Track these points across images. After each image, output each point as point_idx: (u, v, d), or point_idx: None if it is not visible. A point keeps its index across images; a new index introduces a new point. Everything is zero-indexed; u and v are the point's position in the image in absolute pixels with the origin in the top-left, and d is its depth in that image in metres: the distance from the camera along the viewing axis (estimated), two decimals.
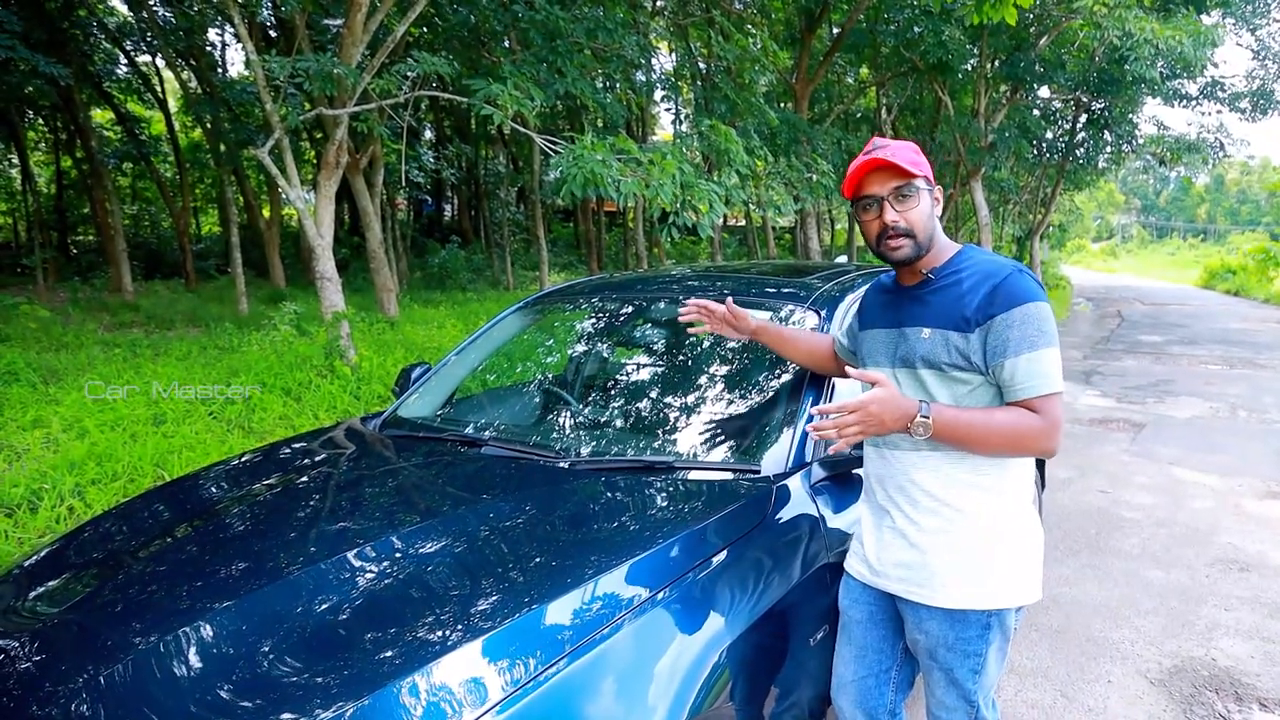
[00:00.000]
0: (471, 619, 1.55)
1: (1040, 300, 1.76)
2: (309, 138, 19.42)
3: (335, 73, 6.98)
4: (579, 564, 1.75)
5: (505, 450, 2.43)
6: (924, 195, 1.84)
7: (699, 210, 6.98)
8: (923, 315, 1.87)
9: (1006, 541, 1.85)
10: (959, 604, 1.84)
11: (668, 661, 1.58)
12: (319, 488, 2.34)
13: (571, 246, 27.95)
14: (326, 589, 1.68)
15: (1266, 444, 7.13)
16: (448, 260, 18.88)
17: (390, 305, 11.17)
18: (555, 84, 8.81)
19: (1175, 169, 21.26)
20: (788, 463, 2.21)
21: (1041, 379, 1.73)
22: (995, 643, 1.90)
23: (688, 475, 2.23)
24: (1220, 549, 4.77)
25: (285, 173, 7.36)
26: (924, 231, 1.84)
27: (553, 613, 1.57)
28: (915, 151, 1.85)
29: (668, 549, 1.80)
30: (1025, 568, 1.88)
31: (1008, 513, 1.86)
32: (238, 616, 1.61)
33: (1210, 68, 15.66)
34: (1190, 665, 3.54)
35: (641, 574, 1.72)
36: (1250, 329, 15.99)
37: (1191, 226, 63.60)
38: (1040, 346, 1.73)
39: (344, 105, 7.54)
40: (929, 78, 16.06)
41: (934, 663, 1.95)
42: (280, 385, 6.71)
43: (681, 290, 3.13)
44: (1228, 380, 10.02)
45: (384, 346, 8.49)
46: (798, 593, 1.94)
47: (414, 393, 3.04)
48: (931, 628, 1.90)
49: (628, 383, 2.99)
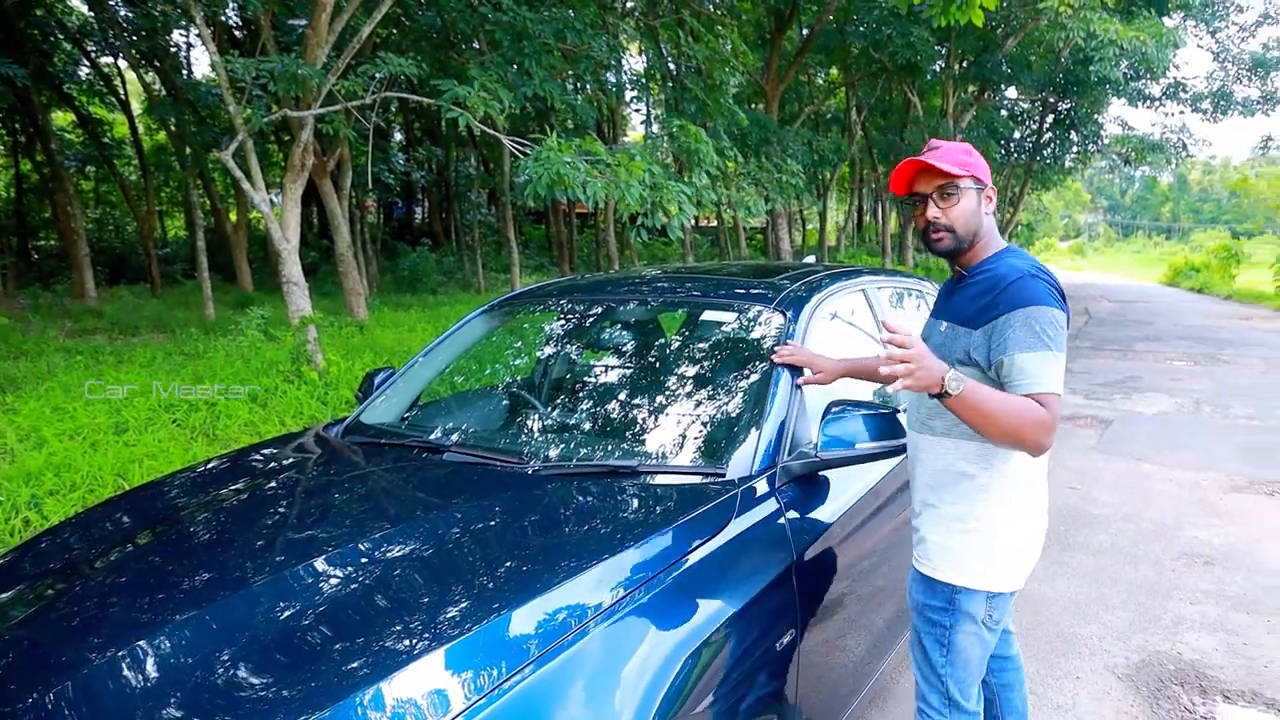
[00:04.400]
0: (437, 627, 1.53)
1: (1047, 305, 1.85)
2: (276, 140, 19.19)
3: (300, 74, 6.89)
4: (544, 570, 1.72)
5: (468, 456, 2.39)
6: (968, 195, 1.98)
7: (668, 212, 6.96)
8: (949, 310, 2.07)
9: (982, 531, 2.01)
10: (929, 571, 2.09)
11: (634, 667, 1.56)
12: (281, 496, 2.30)
13: (543, 248, 27.87)
14: (289, 598, 1.66)
15: (1230, 439, 7.22)
16: (418, 263, 18.72)
17: (359, 309, 11.06)
18: (524, 85, 8.75)
19: (1140, 168, 21.58)
20: (753, 466, 2.19)
21: (1036, 378, 1.82)
22: (963, 625, 2.05)
23: (653, 479, 2.20)
24: (1186, 543, 4.82)
25: (249, 175, 7.25)
26: (965, 228, 1.99)
27: (519, 619, 1.55)
28: (966, 153, 2.01)
29: (633, 554, 1.77)
30: (997, 558, 2.01)
31: (989, 506, 2.01)
32: (198, 627, 1.58)
33: (1172, 69, 15.89)
34: (1156, 659, 3.56)
35: (607, 579, 1.69)
36: (1213, 325, 16.24)
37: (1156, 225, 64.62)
38: (1039, 349, 1.82)
39: (309, 107, 7.44)
40: (898, 78, 16.18)
41: (914, 626, 2.19)
42: (246, 391, 6.61)
43: (651, 292, 3.10)
44: (1192, 376, 10.16)
45: (352, 351, 8.39)
46: (764, 596, 1.91)
47: (377, 398, 2.99)
48: (913, 589, 2.18)
49: (595, 386, 2.96)
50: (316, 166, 10.08)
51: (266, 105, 8.38)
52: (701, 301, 2.98)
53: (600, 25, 10.33)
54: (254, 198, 7.18)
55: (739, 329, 2.78)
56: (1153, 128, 19.17)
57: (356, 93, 7.26)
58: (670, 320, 3.24)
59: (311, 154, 7.84)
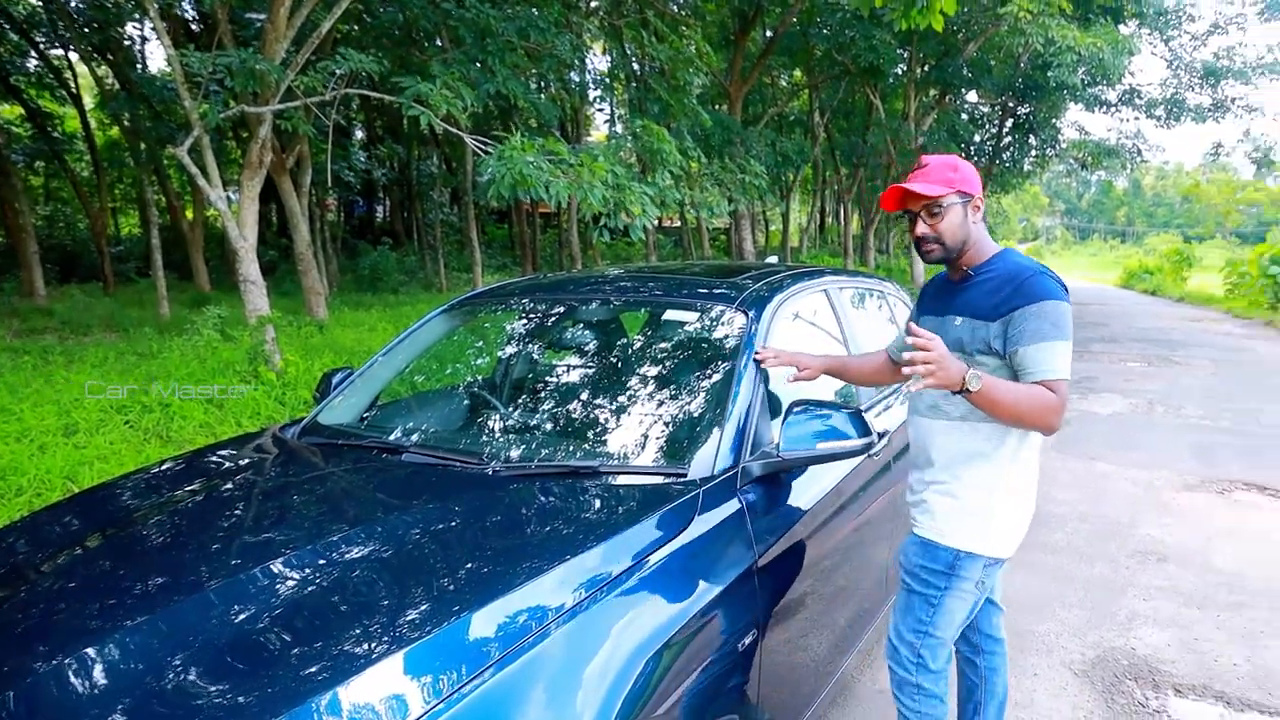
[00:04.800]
0: (396, 630, 1.50)
1: (1057, 299, 2.04)
2: (234, 136, 18.87)
3: (258, 69, 6.76)
4: (505, 571, 1.70)
5: (428, 457, 2.35)
6: (954, 210, 2.16)
7: (630, 212, 6.94)
8: (959, 305, 2.22)
9: (989, 503, 2.20)
10: (931, 535, 2.26)
11: (596, 668, 1.54)
12: (236, 497, 2.25)
13: (506, 248, 27.71)
14: (244, 602, 1.62)
15: (1182, 438, 7.37)
16: (379, 262, 18.50)
17: (319, 308, 10.91)
18: (487, 83, 8.69)
19: (1096, 173, 21.97)
20: (715, 466, 2.18)
21: (1051, 365, 2.00)
22: (955, 588, 2.23)
23: (615, 480, 2.18)
24: (1140, 541, 4.90)
25: (206, 172, 7.11)
26: (953, 240, 2.17)
27: (479, 621, 1.53)
28: (953, 168, 2.18)
29: (594, 555, 1.76)
30: (998, 525, 2.21)
31: (998, 481, 2.19)
32: (150, 633, 1.54)
33: (1128, 76, 16.21)
34: (1111, 655, 3.62)
35: (568, 580, 1.67)
36: (1166, 327, 16.59)
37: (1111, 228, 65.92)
38: (1053, 339, 2.01)
39: (268, 103, 7.32)
40: (861, 81, 16.31)
41: (903, 585, 2.36)
42: (202, 392, 6.48)
43: (613, 291, 3.08)
44: (1146, 377, 10.36)
45: (311, 351, 8.27)
46: (725, 597, 1.90)
47: (335, 398, 2.94)
48: (910, 552, 2.34)
49: (556, 386, 2.93)
50: (275, 164, 9.92)
51: (224, 101, 8.23)
52: (664, 301, 2.97)
53: (564, 24, 10.29)
54: (211, 195, 7.04)
55: (701, 329, 2.78)
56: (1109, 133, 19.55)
57: (316, 89, 7.16)
58: (632, 320, 3.23)
59: (270, 151, 7.72)
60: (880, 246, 26.63)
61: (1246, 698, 3.31)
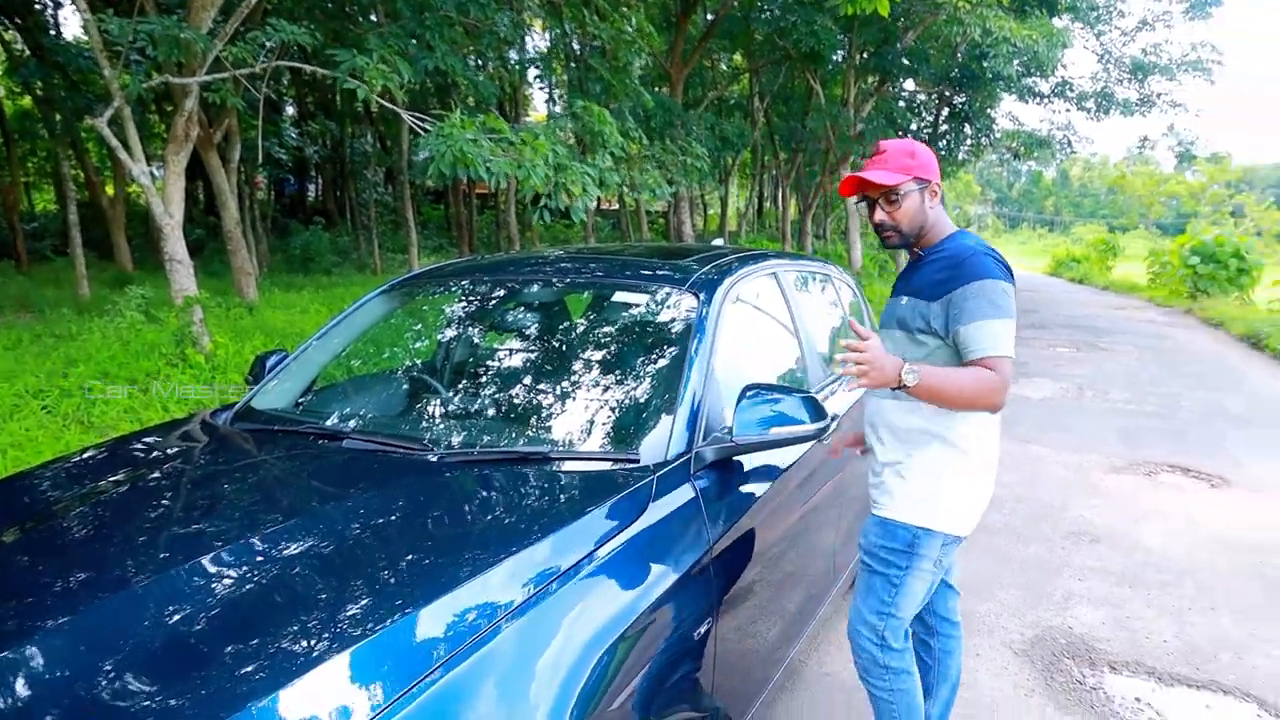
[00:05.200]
0: (338, 629, 1.42)
1: (995, 278, 2.07)
2: (156, 109, 18.13)
3: (183, 38, 6.46)
4: (452, 565, 1.63)
5: (369, 443, 2.25)
6: (911, 196, 2.19)
7: (571, 193, 6.83)
8: (908, 286, 2.28)
9: (944, 479, 2.22)
10: (890, 514, 2.28)
11: (548, 665, 1.48)
12: (165, 488, 2.12)
13: (442, 229, 27.22)
14: (176, 601, 1.51)
15: (1110, 422, 7.58)
16: (311, 242, 17.98)
17: (249, 289, 10.56)
18: (424, 59, 8.46)
19: (1027, 163, 22.48)
20: (668, 451, 2.13)
21: (990, 343, 2.03)
22: (915, 567, 2.25)
23: (564, 466, 2.12)
24: (1072, 522, 5.02)
25: (128, 146, 6.79)
26: (910, 225, 2.22)
27: (426, 619, 1.45)
28: (909, 155, 2.20)
29: (545, 546, 1.69)
30: (953, 503, 2.23)
31: (952, 458, 2.22)
32: (74, 635, 1.43)
33: (1060, 68, 16.57)
34: (1049, 635, 3.69)
35: (519, 574, 1.60)
36: (1092, 314, 17.08)
37: (1041, 218, 67.74)
38: (991, 316, 2.03)
39: (194, 74, 7.01)
40: (801, 67, 16.36)
41: (864, 567, 2.37)
42: (125, 375, 6.21)
43: (559, 273, 3.01)
44: (1075, 362, 10.64)
45: (242, 333, 8.00)
46: (681, 586, 1.86)
47: (270, 382, 2.81)
48: (870, 533, 2.34)
49: (500, 369, 2.84)
50: (203, 138, 9.55)
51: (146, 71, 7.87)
52: (612, 283, 2.90)
53: (504, 0, 10.09)
54: (133, 169, 6.73)
55: (652, 312, 2.72)
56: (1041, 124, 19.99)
57: (246, 60, 6.87)
58: (580, 302, 3.15)
59: (196, 124, 7.40)
60: (818, 232, 26.86)
61: (1176, 673, 3.41)
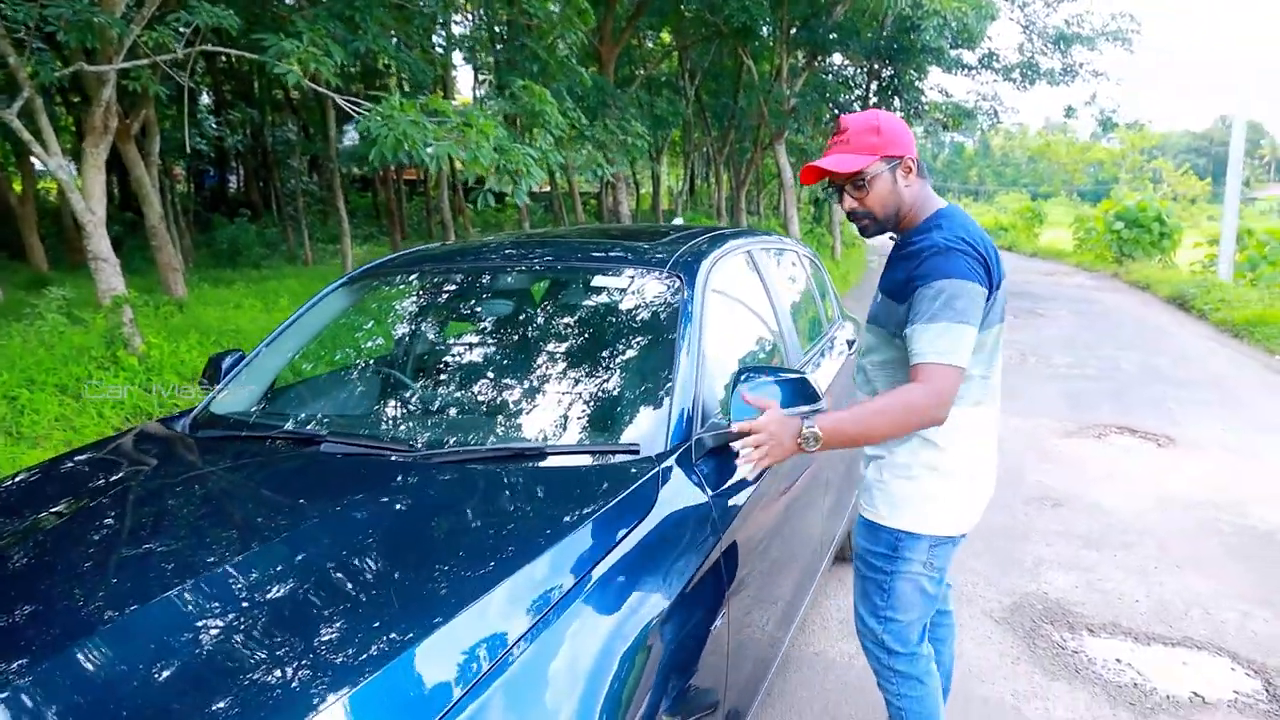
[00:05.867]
0: (334, 672, 1.24)
1: (959, 278, 1.85)
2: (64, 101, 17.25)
3: (96, 22, 6.09)
4: (455, 586, 1.48)
5: (349, 446, 2.11)
6: (880, 179, 1.97)
7: (514, 175, 6.66)
8: (884, 282, 2.09)
9: (923, 479, 2.06)
10: (874, 518, 2.15)
11: (566, 690, 1.36)
12: (120, 513, 1.90)
13: (371, 217, 26.53)
14: (141, 647, 1.32)
15: (1054, 387, 7.75)
16: (238, 235, 17.31)
17: (177, 286, 10.13)
18: (354, 42, 8.16)
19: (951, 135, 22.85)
20: (668, 440, 2.04)
21: (928, 346, 1.83)
22: (902, 571, 2.11)
23: (561, 461, 2.02)
24: (1031, 487, 5.10)
25: (41, 139, 6.40)
26: (884, 210, 2.00)
27: (434, 652, 1.30)
28: (874, 131, 1.96)
29: (555, 555, 1.57)
30: (935, 504, 2.07)
31: (935, 458, 2.05)
32: (20, 694, 1.22)
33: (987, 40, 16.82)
34: (1027, 601, 3.72)
35: (529, 589, 1.47)
36: (1025, 280, 17.48)
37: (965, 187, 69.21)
38: (940, 319, 1.83)
39: (110, 61, 6.63)
40: (732, 42, 16.30)
41: (856, 569, 2.27)
42: (54, 381, 5.88)
43: (537, 258, 2.91)
44: (1014, 329, 10.85)
45: (175, 331, 7.65)
46: (696, 583, 1.78)
47: (228, 384, 2.64)
48: (859, 536, 2.23)
49: (484, 360, 2.71)
50: (120, 130, 9.08)
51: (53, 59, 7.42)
52: (593, 267, 2.79)
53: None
54: (49, 164, 6.35)
55: (636, 295, 2.62)
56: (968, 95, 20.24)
57: (167, 45, 6.52)
58: (563, 288, 3.03)
59: (115, 115, 7.02)
60: (751, 208, 26.95)
61: (1151, 631, 3.47)
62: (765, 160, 24.16)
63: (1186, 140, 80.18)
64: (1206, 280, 14.46)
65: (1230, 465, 5.52)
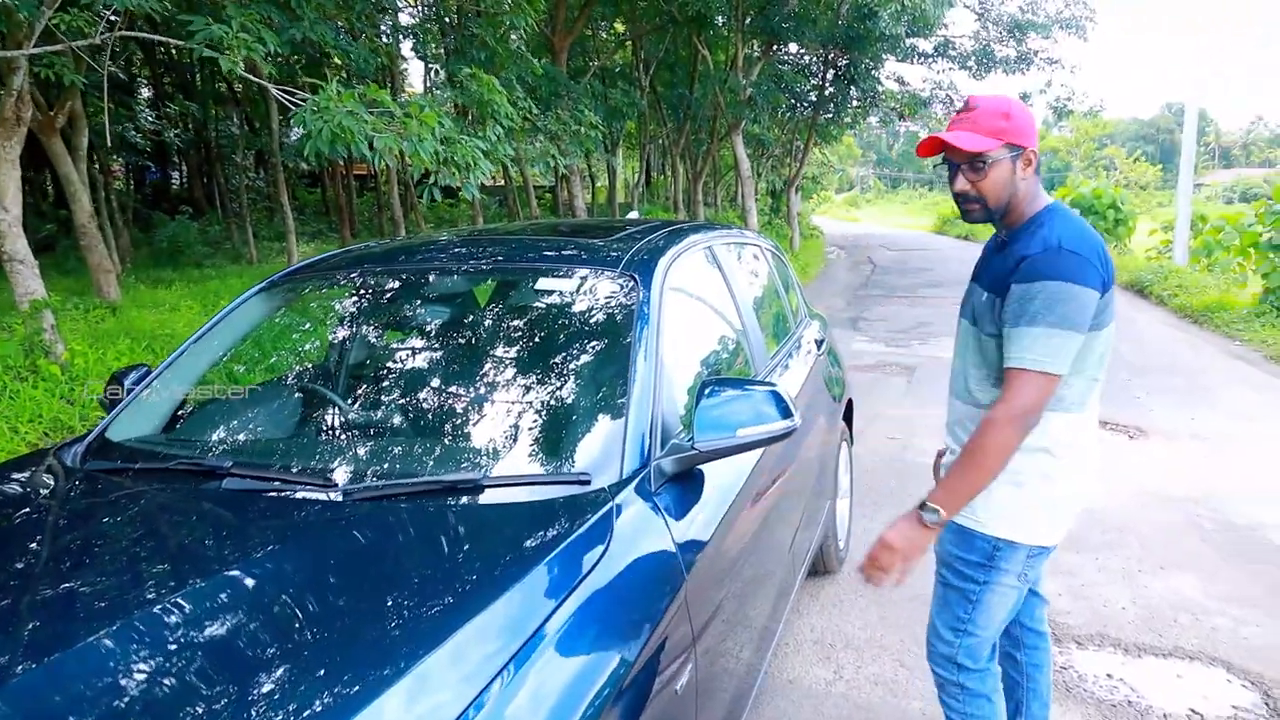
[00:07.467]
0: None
1: (1066, 280, 1.77)
2: None
3: (3, 3, 5.65)
4: (375, 656, 1.22)
5: (256, 482, 1.81)
6: (1000, 165, 1.87)
7: (461, 169, 6.34)
8: (986, 275, 2.02)
9: (1030, 485, 1.96)
10: (968, 522, 2.02)
11: None
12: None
13: (320, 214, 25.86)
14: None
15: None
16: (178, 233, 16.68)
17: (109, 288, 9.61)
18: (291, 28, 7.77)
19: (905, 124, 22.88)
20: (623, 468, 1.78)
21: (1026, 352, 1.79)
22: (995, 581, 2.01)
23: (501, 495, 1.75)
24: None
25: None
26: (997, 199, 1.91)
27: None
28: (1004, 116, 1.87)
29: (488, 619, 1.30)
30: (1040, 511, 1.98)
31: (1037, 460, 1.95)
32: None
33: (943, 27, 16.77)
34: None
35: (470, 653, 1.23)
36: None
37: (920, 177, 69.70)
38: (1038, 323, 1.77)
39: (20, 46, 6.17)
40: (687, 31, 16.06)
41: (939, 577, 2.17)
42: None
43: (475, 259, 2.60)
44: None
45: (103, 337, 7.23)
46: (659, 631, 1.53)
47: (128, 406, 2.31)
48: (946, 541, 2.10)
49: (414, 379, 2.42)
50: (43, 122, 8.58)
51: None
52: (538, 269, 2.50)
53: None
54: None
55: (587, 298, 2.35)
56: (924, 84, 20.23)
57: (83, 30, 6.08)
58: (502, 293, 2.75)
59: (30, 105, 6.56)
60: (708, 200, 26.77)
61: (1140, 642, 3.30)
62: (722, 152, 23.96)
63: (1135, 128, 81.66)
64: (1163, 266, 14.54)
65: (1204, 456, 5.41)
